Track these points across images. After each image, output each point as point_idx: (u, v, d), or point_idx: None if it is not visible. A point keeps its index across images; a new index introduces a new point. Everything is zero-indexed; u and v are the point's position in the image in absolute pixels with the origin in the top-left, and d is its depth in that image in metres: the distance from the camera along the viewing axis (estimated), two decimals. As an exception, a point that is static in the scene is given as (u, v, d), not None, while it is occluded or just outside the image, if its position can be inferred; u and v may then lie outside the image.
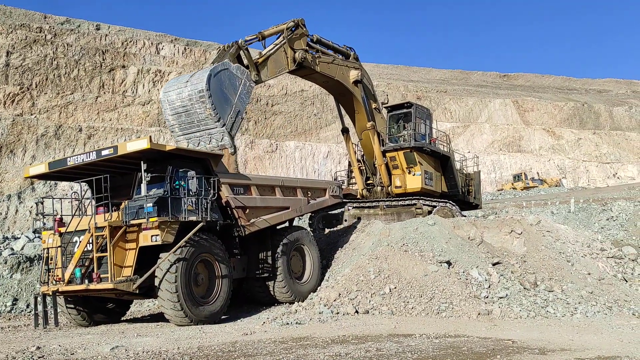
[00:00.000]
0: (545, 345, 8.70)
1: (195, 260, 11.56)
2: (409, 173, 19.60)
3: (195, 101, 12.96)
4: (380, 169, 19.78)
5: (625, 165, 64.62)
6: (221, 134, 13.25)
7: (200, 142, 13.25)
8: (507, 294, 12.67)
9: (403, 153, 19.65)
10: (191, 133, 13.36)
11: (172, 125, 13.51)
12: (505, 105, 66.56)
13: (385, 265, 13.39)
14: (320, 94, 58.06)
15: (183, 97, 13.09)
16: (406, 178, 19.68)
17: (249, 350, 8.43)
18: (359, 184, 20.30)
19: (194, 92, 12.99)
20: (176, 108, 13.26)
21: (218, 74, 13.39)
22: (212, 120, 13.01)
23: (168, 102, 13.34)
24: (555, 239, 15.31)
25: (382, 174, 19.81)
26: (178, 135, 13.57)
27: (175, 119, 13.33)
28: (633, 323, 11.40)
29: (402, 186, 19.77)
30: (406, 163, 19.63)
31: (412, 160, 19.62)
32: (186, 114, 13.17)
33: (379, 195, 20.26)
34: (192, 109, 13.06)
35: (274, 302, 14.36)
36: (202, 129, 13.26)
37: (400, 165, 19.69)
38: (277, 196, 14.69)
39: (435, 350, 8.23)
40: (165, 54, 53.28)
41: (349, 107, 19.53)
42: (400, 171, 19.80)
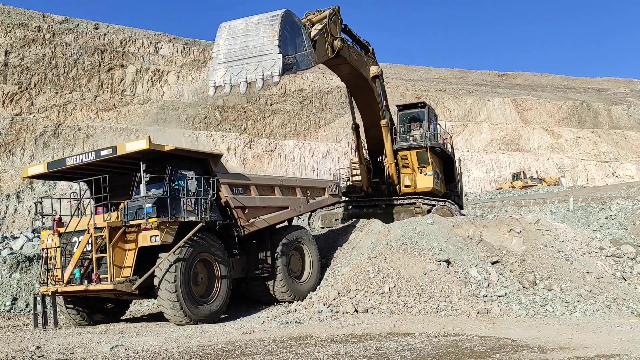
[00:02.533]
0: (544, 344, 8.72)
1: (194, 260, 11.57)
2: (419, 172, 19.57)
3: (263, 24, 12.37)
4: (390, 167, 19.63)
5: (624, 164, 64.67)
6: (273, 62, 12.32)
7: (243, 69, 12.32)
8: (506, 293, 12.69)
9: (416, 152, 19.59)
10: (237, 60, 12.45)
11: (217, 51, 12.66)
12: (504, 104, 66.59)
13: (385, 264, 13.40)
14: (319, 93, 58.04)
15: (250, 21, 12.56)
16: (416, 177, 19.65)
17: (249, 349, 8.44)
18: (364, 181, 20.12)
19: (266, 16, 12.50)
20: (236, 32, 12.55)
21: (296, 22, 12.96)
22: (271, 44, 12.24)
23: (229, 26, 12.69)
24: (554, 238, 15.33)
25: (391, 172, 19.69)
26: (219, 63, 12.58)
27: (227, 42, 12.54)
28: (632, 322, 11.42)
29: (412, 185, 19.71)
30: (418, 162, 19.59)
31: (424, 160, 19.61)
32: (244, 37, 12.45)
33: (384, 194, 20.20)
34: (255, 32, 12.41)
35: (274, 302, 14.37)
36: (254, 55, 12.38)
37: (411, 165, 19.62)
38: (276, 196, 14.70)
39: (435, 349, 8.24)
40: (164, 53, 53.24)
41: (362, 102, 19.07)
42: (410, 170, 19.71)
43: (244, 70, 12.35)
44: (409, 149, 19.67)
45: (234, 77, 12.37)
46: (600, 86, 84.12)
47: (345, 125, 56.75)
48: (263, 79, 12.30)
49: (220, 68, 12.55)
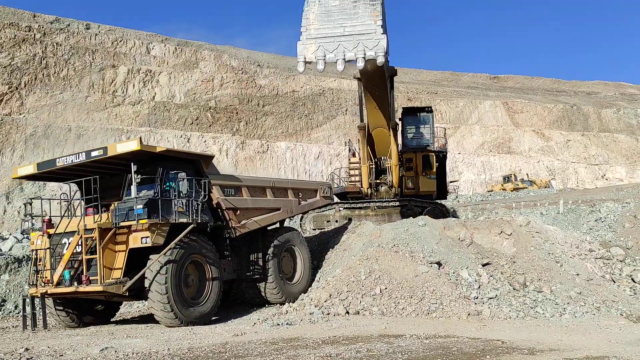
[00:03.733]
0: (534, 346, 8.77)
1: (185, 261, 11.53)
2: (423, 175, 19.62)
3: (362, 3, 12.04)
4: (394, 169, 19.58)
5: (614, 166, 65.19)
6: (377, 41, 11.97)
7: (339, 46, 11.97)
8: (497, 295, 12.75)
9: (422, 156, 19.65)
10: (333, 36, 12.06)
11: (306, 26, 12.22)
12: (495, 106, 66.93)
13: (376, 266, 13.42)
14: (312, 94, 58.07)
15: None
16: (420, 180, 19.79)
17: (240, 351, 8.42)
18: (365, 182, 20.07)
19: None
20: (330, 8, 12.14)
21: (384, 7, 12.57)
22: (374, 24, 11.92)
23: (319, 1, 12.26)
24: (545, 240, 15.43)
25: (394, 174, 19.63)
26: (310, 37, 12.19)
27: (319, 19, 12.09)
28: (621, 323, 11.51)
29: (415, 188, 19.84)
30: (423, 166, 19.74)
31: (429, 163, 19.82)
32: (340, 13, 12.07)
33: (383, 195, 20.19)
34: (352, 10, 12.07)
35: (265, 303, 14.35)
36: (353, 33, 12.02)
37: (416, 167, 19.67)
38: (267, 197, 14.69)
39: (426, 351, 8.26)
40: (156, 53, 53.04)
41: (374, 102, 18.73)
42: (413, 173, 19.81)
43: (341, 48, 11.99)
44: (416, 152, 19.74)
45: (329, 54, 12.04)
46: (590, 89, 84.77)
47: (337, 127, 56.80)
48: (365, 58, 12.02)
49: (311, 43, 12.10)
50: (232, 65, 56.26)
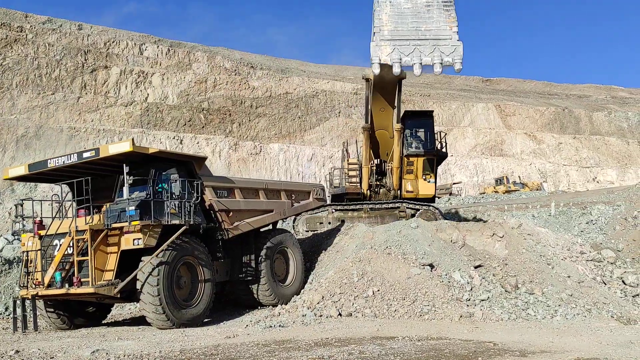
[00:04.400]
0: (526, 348, 8.80)
1: (177, 263, 11.49)
2: (423, 179, 19.77)
3: (435, 7, 12.23)
4: (395, 171, 19.66)
5: (605, 169, 65.65)
6: (453, 48, 12.10)
7: (415, 50, 12.05)
8: (489, 297, 12.79)
9: (423, 159, 19.77)
10: (408, 39, 12.13)
11: (380, 27, 12.19)
12: (487, 109, 67.24)
13: (369, 268, 13.43)
14: (305, 96, 58.09)
15: (418, 1, 12.22)
16: (419, 184, 19.85)
17: (232, 353, 8.40)
18: (365, 184, 20.08)
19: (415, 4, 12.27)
20: (403, 10, 12.15)
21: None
22: (450, 30, 12.08)
23: (391, 3, 12.22)
24: (536, 242, 15.50)
25: (395, 177, 19.72)
26: (384, 39, 12.12)
27: (393, 20, 12.12)
28: (611, 325, 11.58)
29: (414, 191, 19.88)
30: (423, 169, 19.81)
31: (430, 167, 19.90)
32: (414, 17, 12.14)
33: (382, 198, 20.25)
34: (426, 14, 12.24)
35: (257, 305, 14.32)
36: (428, 38, 12.10)
37: (416, 171, 19.77)
38: (260, 199, 14.67)
39: (418, 353, 8.28)
40: (149, 54, 52.91)
41: (382, 103, 18.89)
42: (413, 176, 19.86)
43: (417, 52, 12.04)
44: (418, 155, 19.79)
45: (405, 58, 12.06)
46: (581, 93, 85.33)
47: (331, 129, 56.84)
48: (442, 64, 12.03)
49: (385, 45, 12.05)
50: (225, 66, 56.21)
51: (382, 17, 12.16)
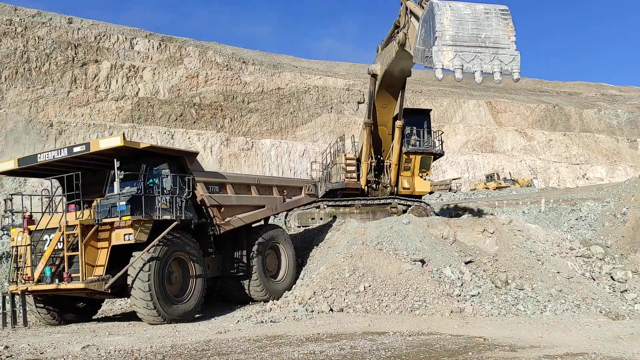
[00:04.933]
0: (516, 343, 8.87)
1: (169, 259, 11.46)
2: (419, 176, 20.08)
3: (494, 15, 12.27)
4: (394, 168, 19.84)
5: (594, 166, 66.12)
6: (512, 57, 12.22)
7: (476, 57, 12.05)
8: (479, 292, 12.87)
9: (421, 157, 20.00)
10: (469, 46, 12.08)
11: (442, 31, 12.09)
12: (479, 106, 67.47)
13: (360, 263, 13.47)
14: (297, 92, 57.97)
15: (476, 9, 12.33)
16: (415, 181, 20.13)
17: (223, 349, 8.40)
18: (363, 179, 20.22)
19: (494, 8, 12.45)
20: (463, 16, 12.14)
21: None
22: (508, 39, 12.21)
23: (451, 7, 12.24)
24: (526, 238, 15.61)
25: (393, 174, 19.90)
26: (446, 44, 12.08)
27: (454, 26, 12.06)
28: (600, 320, 11.70)
29: (411, 188, 20.12)
30: (420, 167, 20.09)
31: (427, 165, 20.20)
32: (474, 24, 12.15)
33: (379, 194, 20.36)
34: (486, 22, 12.20)
35: (249, 301, 14.33)
36: (488, 46, 12.17)
37: (413, 168, 20.02)
38: (252, 194, 14.65)
39: (409, 348, 8.32)
40: (140, 49, 52.54)
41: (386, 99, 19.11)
42: (409, 173, 20.09)
43: (478, 59, 12.03)
44: (417, 153, 20.01)
45: (466, 64, 12.02)
46: (572, 90, 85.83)
47: (323, 124, 56.79)
48: (502, 73, 12.13)
49: (447, 50, 12.00)
50: (217, 61, 55.95)
51: (444, 22, 12.10)
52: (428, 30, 12.51)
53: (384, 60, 17.85)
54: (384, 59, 17.87)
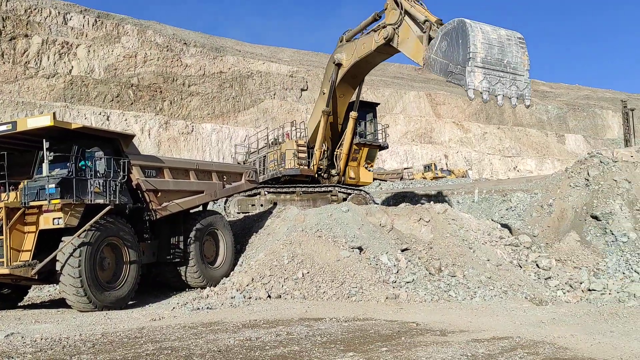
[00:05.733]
0: (446, 327, 9.21)
1: (101, 244, 11.12)
2: (364, 167, 20.71)
3: (514, 43, 12.92)
4: (344, 157, 20.18)
5: (525, 159, 69.26)
6: (525, 84, 13.11)
7: (500, 81, 12.76)
8: (414, 279, 13.24)
9: (368, 149, 20.59)
10: (494, 70, 12.75)
11: (475, 53, 12.62)
12: (419, 97, 68.97)
13: (299, 250, 13.53)
14: (240, 76, 57.13)
15: (500, 34, 12.92)
16: (360, 171, 20.70)
17: (157, 336, 8.24)
18: (315, 167, 20.34)
19: (513, 35, 13.15)
20: (491, 40, 12.75)
21: None
22: (523, 68, 13.00)
23: (481, 30, 12.75)
24: (460, 227, 16.15)
25: (342, 163, 20.27)
26: (476, 66, 12.64)
27: (484, 49, 12.67)
28: (525, 306, 12.32)
29: (356, 178, 20.68)
30: (366, 158, 20.72)
31: (372, 156, 20.95)
32: (500, 49, 12.79)
33: (327, 182, 20.64)
34: (508, 48, 12.85)
35: (185, 287, 14.12)
36: (508, 71, 12.90)
37: (359, 159, 20.58)
38: (191, 180, 14.39)
39: (344, 333, 8.46)
40: (74, 24, 50.12)
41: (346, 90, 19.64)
42: (355, 164, 20.60)
43: (500, 83, 12.78)
44: (365, 145, 20.58)
45: (491, 87, 12.74)
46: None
47: (265, 111, 56.33)
48: (517, 98, 13.00)
49: (478, 72, 12.65)
50: (156, 41, 54.23)
51: (477, 44, 12.68)
52: (453, 45, 13.09)
53: (356, 52, 18.08)
54: (356, 50, 18.11)
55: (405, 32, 15.47)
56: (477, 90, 12.76)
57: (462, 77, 12.67)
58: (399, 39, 15.70)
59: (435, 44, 13.63)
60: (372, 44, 17.07)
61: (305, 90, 61.74)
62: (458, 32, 12.97)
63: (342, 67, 18.83)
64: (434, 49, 13.66)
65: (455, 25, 13.09)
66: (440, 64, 13.41)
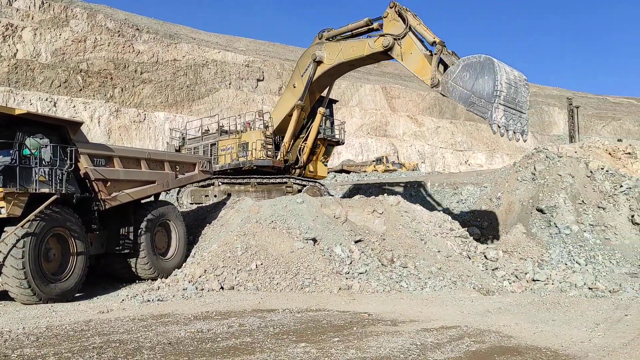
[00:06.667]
0: (397, 317, 9.38)
1: (46, 235, 10.73)
2: (321, 162, 21.55)
3: (521, 84, 14.29)
4: (307, 151, 20.69)
5: (476, 153, 71.11)
6: (526, 121, 14.66)
7: (513, 118, 14.20)
8: (367, 270, 13.41)
9: (327, 144, 21.45)
10: (510, 107, 14.08)
11: (499, 91, 13.80)
12: (374, 90, 69.59)
13: (253, 241, 13.46)
14: (194, 65, 56.08)
15: (515, 74, 14.29)
16: (317, 165, 21.51)
17: (104, 329, 8.04)
18: (282, 159, 20.54)
19: (521, 76, 14.58)
20: (510, 80, 14.04)
21: None
22: (526, 107, 14.54)
23: (506, 70, 14.06)
24: (412, 219, 16.45)
25: (305, 156, 20.77)
26: (500, 103, 13.83)
27: (506, 87, 13.89)
28: (473, 296, 12.69)
29: (314, 172, 21.40)
30: (324, 153, 21.57)
31: (329, 152, 21.89)
32: (515, 88, 14.10)
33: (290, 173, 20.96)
34: (519, 88, 14.23)
35: (136, 279, 13.83)
36: (517, 109, 14.27)
37: (318, 154, 21.38)
38: (142, 169, 14.06)
39: (297, 324, 8.49)
40: (19, 6, 47.93)
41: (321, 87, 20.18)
42: (314, 158, 21.33)
43: (512, 120, 14.16)
44: (325, 140, 21.31)
45: (507, 123, 14.09)
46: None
47: (220, 100, 55.57)
48: (520, 133, 14.36)
49: (501, 109, 13.90)
50: (107, 26, 52.52)
51: (503, 83, 13.90)
52: (476, 78, 14.27)
53: (343, 53, 18.42)
54: (342, 52, 18.43)
55: (408, 46, 16.26)
56: (499, 125, 14.04)
57: (486, 110, 13.92)
58: (401, 50, 16.44)
59: (455, 72, 14.70)
60: (364, 49, 17.61)
61: (262, 80, 61.27)
62: (484, 67, 14.18)
63: (323, 65, 19.15)
64: (453, 75, 14.75)
65: (481, 61, 14.25)
66: (460, 92, 14.54)
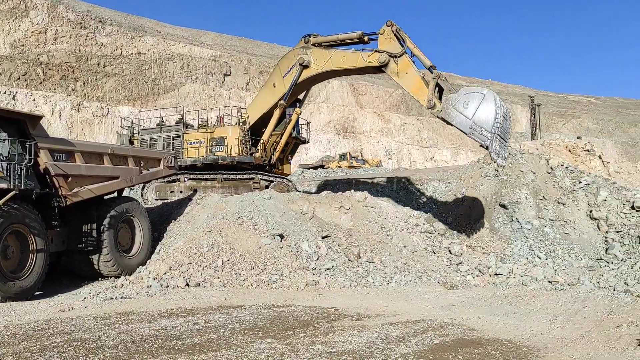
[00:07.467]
0: (363, 312, 9.47)
1: (4, 231, 10.41)
2: (288, 159, 22.15)
3: (507, 117, 15.53)
4: (279, 149, 20.99)
5: (441, 150, 72.13)
6: (506, 151, 16.05)
7: (502, 146, 15.41)
8: (334, 266, 13.47)
9: (294, 143, 22.05)
10: (502, 137, 15.25)
11: (499, 124, 14.95)
12: (342, 87, 69.75)
13: (220, 238, 13.36)
14: (159, 59, 55.11)
15: (505, 108, 15.55)
16: (284, 163, 22.05)
17: (65, 327, 7.85)
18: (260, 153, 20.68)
19: (509, 109, 16.03)
20: (505, 113, 15.33)
21: None
22: (509, 137, 15.88)
23: (502, 104, 15.26)
24: (379, 215, 16.60)
25: (277, 154, 21.08)
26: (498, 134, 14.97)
27: (501, 119, 14.97)
28: (437, 290, 12.90)
29: (282, 169, 21.86)
30: (291, 151, 22.23)
31: (295, 150, 22.57)
32: (505, 121, 15.33)
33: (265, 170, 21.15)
34: (507, 120, 15.52)
35: (98, 277, 13.54)
36: (505, 138, 15.53)
37: (287, 151, 21.92)
38: (105, 165, 13.76)
39: (263, 320, 8.47)
40: (-25, -5, 46.12)
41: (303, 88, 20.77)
42: (282, 156, 21.73)
43: (502, 149, 15.46)
44: (294, 138, 21.70)
45: (500, 151, 15.27)
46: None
47: (186, 95, 54.79)
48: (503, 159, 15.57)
49: (497, 139, 15.06)
50: (69, 18, 51.09)
51: (499, 114, 15.01)
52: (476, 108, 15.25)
53: (332, 62, 18.98)
54: (332, 61, 18.97)
55: (405, 66, 17.22)
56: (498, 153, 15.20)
57: (486, 139, 15.00)
58: (397, 69, 17.33)
59: (457, 99, 15.75)
60: (357, 61, 18.24)
61: (229, 75, 60.68)
62: (487, 101, 15.24)
63: (309, 70, 19.55)
64: (454, 102, 15.84)
65: (483, 94, 15.42)
66: (460, 119, 15.65)
